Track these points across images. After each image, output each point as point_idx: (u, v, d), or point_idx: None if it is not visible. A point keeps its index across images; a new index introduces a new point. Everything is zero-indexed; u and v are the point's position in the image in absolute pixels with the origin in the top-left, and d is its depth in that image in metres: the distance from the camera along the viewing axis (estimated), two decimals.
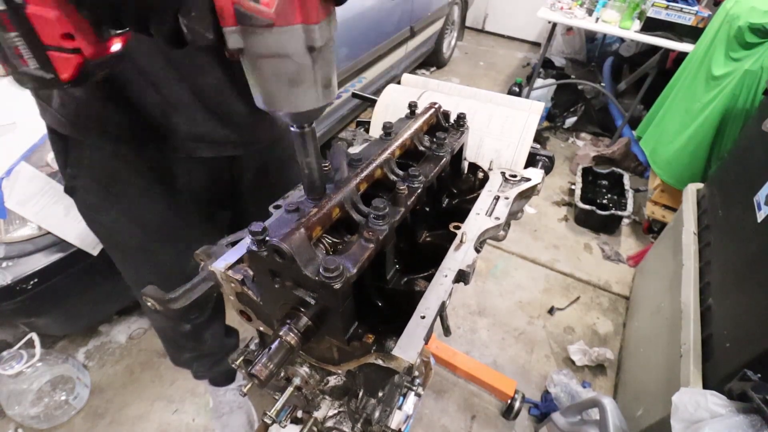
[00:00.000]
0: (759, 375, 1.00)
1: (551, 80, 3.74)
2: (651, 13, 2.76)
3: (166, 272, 1.05)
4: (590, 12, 3.10)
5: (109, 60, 0.49)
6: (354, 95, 1.38)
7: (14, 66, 0.47)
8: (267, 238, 0.54)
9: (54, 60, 0.46)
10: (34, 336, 1.55)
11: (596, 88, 3.64)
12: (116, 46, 0.49)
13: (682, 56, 2.63)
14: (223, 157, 0.97)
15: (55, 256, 1.42)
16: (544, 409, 1.80)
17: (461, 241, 0.73)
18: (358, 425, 0.81)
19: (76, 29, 0.44)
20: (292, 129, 0.55)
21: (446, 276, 0.66)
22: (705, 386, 1.16)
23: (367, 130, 1.13)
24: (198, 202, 1.03)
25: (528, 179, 0.91)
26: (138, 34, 0.46)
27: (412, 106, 0.92)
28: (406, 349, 0.56)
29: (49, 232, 1.39)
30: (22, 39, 0.44)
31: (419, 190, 0.71)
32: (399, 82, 1.23)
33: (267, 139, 1.04)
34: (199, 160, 0.94)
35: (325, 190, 0.64)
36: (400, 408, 0.99)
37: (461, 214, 0.81)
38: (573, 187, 2.94)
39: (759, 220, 1.27)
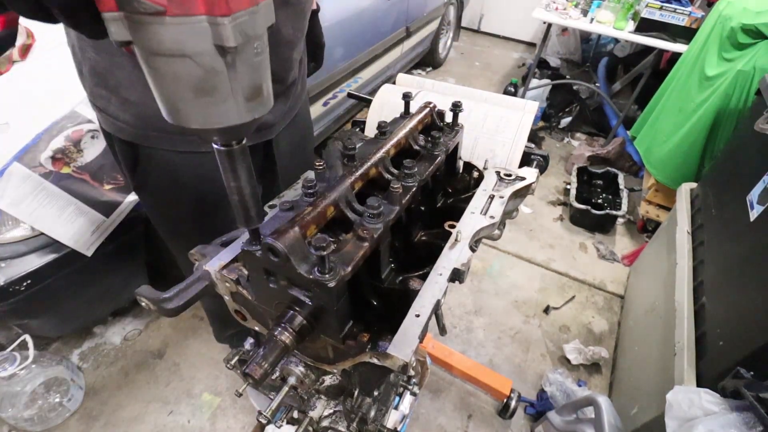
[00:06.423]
0: (752, 373, 1.01)
1: (546, 80, 3.75)
2: (645, 14, 2.78)
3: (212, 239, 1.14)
4: (585, 12, 3.12)
5: None
6: (349, 95, 1.38)
7: None
8: (262, 237, 0.54)
9: None
10: (27, 338, 1.53)
11: (591, 89, 3.66)
12: None
13: (675, 57, 2.64)
14: (260, 142, 1.04)
15: (49, 257, 1.41)
16: (539, 407, 1.81)
17: (456, 240, 0.73)
18: (354, 424, 0.81)
19: None
20: (214, 146, 0.43)
21: (441, 275, 0.67)
22: (699, 384, 1.16)
23: (362, 130, 1.14)
24: None
25: (523, 178, 0.92)
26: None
27: (407, 97, 0.92)
28: (401, 347, 0.56)
29: (42, 233, 1.38)
30: None
31: (414, 189, 0.71)
32: (394, 83, 1.23)
33: (291, 114, 1.11)
34: None
35: (263, 218, 0.53)
36: (396, 408, 0.99)
37: (456, 213, 0.82)
38: (568, 186, 2.95)
39: (752, 219, 1.28)
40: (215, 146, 0.43)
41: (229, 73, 0.36)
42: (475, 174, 0.96)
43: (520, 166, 0.97)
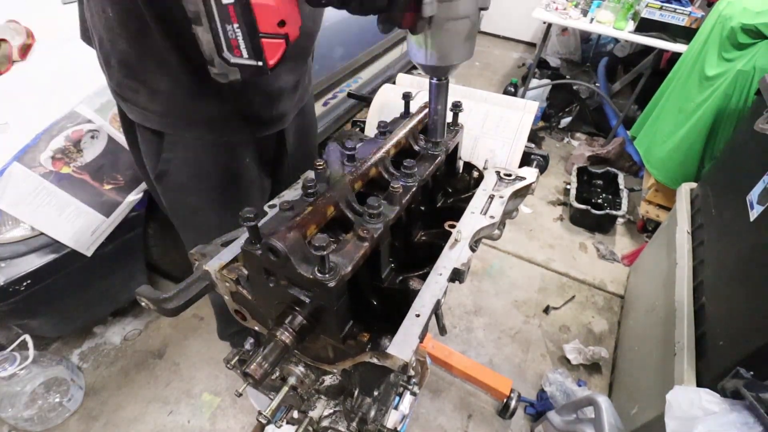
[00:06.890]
0: (752, 372, 1.01)
1: (546, 80, 3.75)
2: (645, 14, 2.78)
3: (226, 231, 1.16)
4: (585, 12, 3.11)
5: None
6: (349, 95, 1.39)
7: (226, 59, 0.49)
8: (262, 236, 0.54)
9: (266, 47, 0.49)
10: (27, 338, 1.53)
11: (591, 89, 3.66)
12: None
13: (675, 56, 2.64)
14: (272, 133, 1.06)
15: (49, 257, 1.41)
16: (539, 407, 1.81)
17: (456, 240, 0.73)
18: (354, 424, 0.81)
19: (288, 14, 0.47)
20: (433, 81, 0.69)
21: (441, 274, 0.67)
22: (699, 384, 1.16)
23: (362, 130, 1.14)
24: (254, 176, 1.14)
25: (523, 178, 0.92)
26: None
27: (407, 97, 0.92)
28: (401, 347, 0.56)
29: (42, 233, 1.38)
30: (241, 29, 0.47)
31: (414, 189, 0.71)
32: (394, 83, 1.23)
33: (301, 104, 1.13)
34: (256, 139, 1.03)
35: (444, 136, 0.81)
36: (396, 408, 0.99)
37: (456, 212, 0.81)
38: (568, 186, 2.95)
39: (751, 219, 1.28)
40: (433, 81, 0.70)
41: (478, 24, 0.61)
42: (475, 174, 0.96)
43: (520, 166, 0.97)
